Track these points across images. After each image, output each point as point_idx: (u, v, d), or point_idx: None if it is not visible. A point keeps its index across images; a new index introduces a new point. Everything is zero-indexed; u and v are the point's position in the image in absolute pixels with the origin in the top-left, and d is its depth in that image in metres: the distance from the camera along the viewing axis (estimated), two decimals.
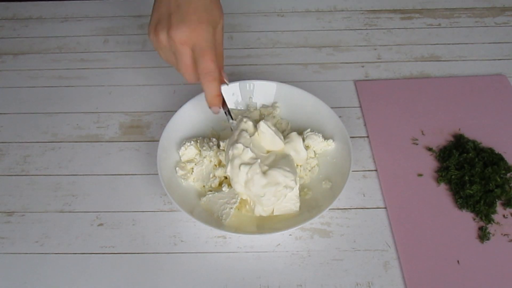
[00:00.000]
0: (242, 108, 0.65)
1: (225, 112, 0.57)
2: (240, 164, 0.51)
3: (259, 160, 0.52)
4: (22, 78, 0.73)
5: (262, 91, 0.64)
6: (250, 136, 0.54)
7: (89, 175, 0.60)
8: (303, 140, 0.58)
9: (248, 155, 0.52)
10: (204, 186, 0.57)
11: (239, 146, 0.52)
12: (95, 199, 0.58)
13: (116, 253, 0.53)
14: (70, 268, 0.52)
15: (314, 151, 0.59)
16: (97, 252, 0.53)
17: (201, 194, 0.55)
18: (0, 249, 0.53)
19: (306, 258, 0.52)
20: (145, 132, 0.65)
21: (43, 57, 0.76)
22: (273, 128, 0.56)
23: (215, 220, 0.52)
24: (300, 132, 0.59)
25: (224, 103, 0.56)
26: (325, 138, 0.59)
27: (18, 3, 0.86)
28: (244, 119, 0.56)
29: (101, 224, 0.55)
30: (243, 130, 0.54)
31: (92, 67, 0.74)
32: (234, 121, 0.57)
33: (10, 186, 0.59)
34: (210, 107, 0.54)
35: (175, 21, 0.50)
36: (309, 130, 0.59)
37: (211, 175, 0.56)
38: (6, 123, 0.67)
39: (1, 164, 0.62)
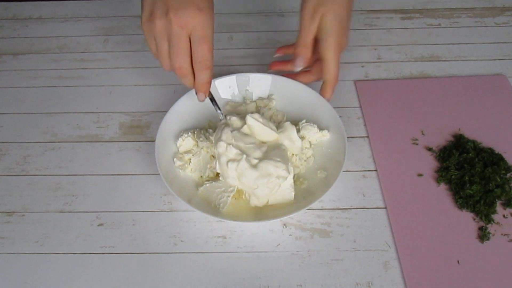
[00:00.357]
0: (239, 101, 0.66)
1: (212, 102, 0.58)
2: (227, 161, 0.52)
3: (244, 156, 0.52)
4: (22, 78, 0.73)
5: (258, 84, 0.65)
6: (239, 130, 0.55)
7: (89, 175, 0.60)
8: (299, 131, 0.58)
9: (232, 151, 0.53)
10: (201, 176, 0.57)
11: (222, 144, 0.53)
12: (95, 199, 0.58)
13: (116, 253, 0.53)
14: (70, 268, 0.52)
15: (310, 142, 0.60)
16: (97, 252, 0.53)
17: (198, 184, 0.56)
18: (0, 249, 0.53)
19: (306, 258, 0.52)
20: (145, 132, 0.65)
21: (43, 57, 0.76)
22: (261, 120, 0.56)
23: (212, 208, 0.52)
24: (296, 123, 0.60)
25: (210, 93, 0.57)
26: (320, 129, 0.59)
27: (18, 3, 0.86)
28: (228, 117, 0.57)
29: (101, 224, 0.55)
30: (226, 126, 0.55)
31: (92, 67, 0.74)
32: (221, 111, 0.59)
33: (10, 186, 0.59)
34: (197, 93, 0.55)
35: (174, 5, 0.50)
36: (304, 121, 0.60)
37: (208, 165, 0.57)
38: (6, 123, 0.67)
39: (1, 164, 0.62)
